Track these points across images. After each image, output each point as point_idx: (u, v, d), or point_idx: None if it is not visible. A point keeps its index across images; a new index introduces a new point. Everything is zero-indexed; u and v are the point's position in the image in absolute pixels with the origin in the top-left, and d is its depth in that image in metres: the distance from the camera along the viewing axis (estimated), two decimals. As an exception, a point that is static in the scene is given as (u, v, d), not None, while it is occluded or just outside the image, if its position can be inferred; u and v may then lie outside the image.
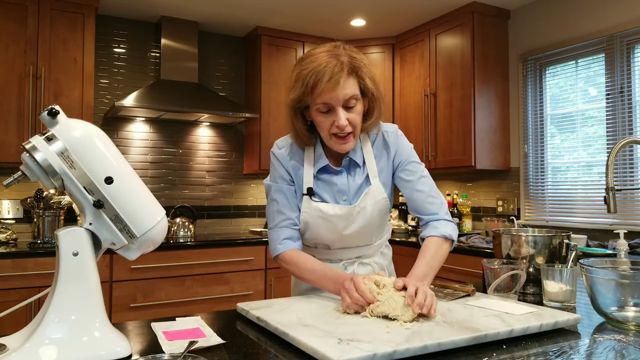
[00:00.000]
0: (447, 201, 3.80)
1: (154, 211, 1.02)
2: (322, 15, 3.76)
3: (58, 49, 3.22)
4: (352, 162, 1.48)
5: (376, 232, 1.54)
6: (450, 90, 3.67)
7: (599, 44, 3.12)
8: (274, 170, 1.50)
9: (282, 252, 1.44)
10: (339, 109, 1.33)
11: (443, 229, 1.42)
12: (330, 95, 1.31)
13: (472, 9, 3.50)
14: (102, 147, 0.99)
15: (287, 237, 1.45)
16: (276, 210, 1.47)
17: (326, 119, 1.35)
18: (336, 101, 1.32)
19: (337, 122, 1.33)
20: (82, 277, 0.95)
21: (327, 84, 1.29)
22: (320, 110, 1.35)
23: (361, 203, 1.45)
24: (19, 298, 2.72)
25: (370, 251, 1.56)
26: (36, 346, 0.89)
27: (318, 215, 1.44)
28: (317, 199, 1.45)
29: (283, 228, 1.46)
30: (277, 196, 1.47)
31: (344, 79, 1.30)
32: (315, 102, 1.34)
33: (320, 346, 0.91)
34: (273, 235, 1.47)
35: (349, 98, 1.33)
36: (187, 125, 4.03)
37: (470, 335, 0.98)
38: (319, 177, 1.47)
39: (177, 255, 3.24)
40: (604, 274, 1.16)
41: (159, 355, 0.92)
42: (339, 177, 1.46)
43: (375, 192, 1.46)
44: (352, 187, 1.47)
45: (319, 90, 1.30)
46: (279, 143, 1.51)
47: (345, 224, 1.45)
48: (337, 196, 1.46)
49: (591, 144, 3.20)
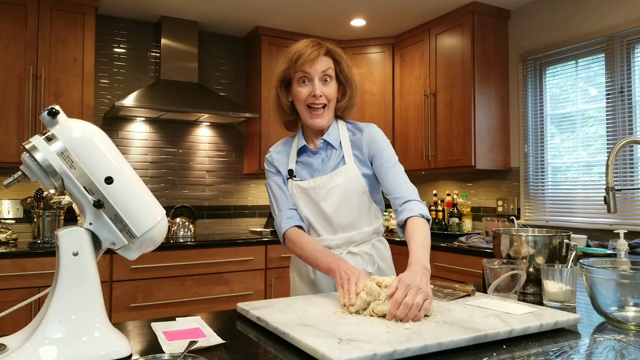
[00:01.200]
0: (447, 201, 3.84)
1: (154, 211, 1.02)
2: (322, 15, 3.76)
3: (58, 49, 3.22)
4: (328, 145, 1.61)
5: (358, 214, 1.58)
6: (450, 90, 3.67)
7: (599, 44, 3.12)
8: (267, 170, 1.69)
9: (288, 228, 1.56)
10: (315, 79, 1.53)
11: (420, 209, 1.48)
12: (309, 66, 1.52)
13: (472, 9, 3.50)
14: (102, 147, 0.99)
15: (290, 216, 1.59)
16: (275, 200, 1.64)
17: (304, 89, 1.54)
18: (314, 71, 1.52)
19: (313, 91, 1.52)
20: (82, 277, 0.95)
21: (307, 56, 1.51)
22: (300, 79, 1.54)
23: (334, 178, 1.56)
24: (19, 298, 2.72)
25: (357, 238, 1.58)
26: (36, 346, 0.89)
27: (298, 192, 1.59)
28: (297, 179, 1.61)
29: (285, 210, 1.60)
30: (274, 189, 1.64)
31: (322, 55, 1.54)
32: (297, 72, 1.54)
33: (320, 346, 0.91)
34: (277, 219, 1.61)
35: (325, 70, 1.53)
36: (187, 125, 4.03)
37: (470, 335, 0.98)
38: (299, 161, 1.64)
39: (177, 255, 3.24)
40: (604, 274, 1.16)
41: (159, 355, 0.92)
42: (315, 158, 1.61)
43: (349, 169, 1.57)
44: (327, 166, 1.60)
45: (301, 61, 1.51)
46: (271, 149, 1.71)
47: (321, 197, 1.56)
48: (313, 174, 1.61)
49: (591, 144, 3.20)
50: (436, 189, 4.23)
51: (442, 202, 3.92)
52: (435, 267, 3.23)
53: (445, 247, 3.17)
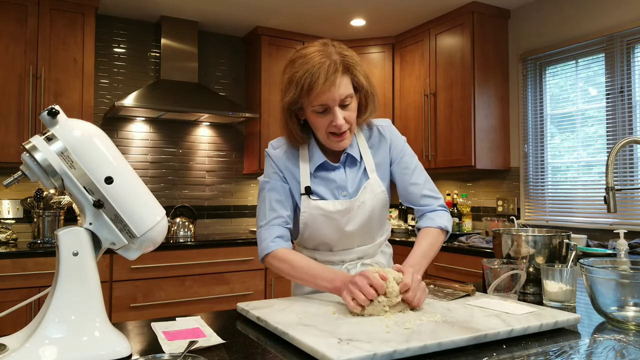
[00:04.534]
0: (447, 201, 3.84)
1: (154, 211, 1.02)
2: (322, 15, 3.76)
3: (58, 49, 3.22)
4: (349, 158, 1.48)
5: (377, 229, 1.54)
6: (450, 90, 3.67)
7: (599, 44, 3.12)
8: (268, 168, 1.49)
9: (275, 249, 1.39)
10: (335, 108, 1.33)
11: (440, 221, 1.46)
12: (327, 96, 1.31)
13: (472, 9, 3.50)
14: (102, 147, 0.99)
15: (279, 235, 1.42)
16: (268, 207, 1.44)
17: (323, 119, 1.36)
18: (332, 102, 1.32)
19: (334, 122, 1.34)
20: (82, 277, 0.95)
21: (323, 85, 1.29)
22: (316, 111, 1.35)
23: (360, 197, 1.45)
24: (19, 298, 2.72)
25: (371, 250, 1.56)
26: (36, 346, 0.89)
27: (319, 214, 1.43)
28: (315, 197, 1.44)
29: (275, 226, 1.42)
30: (270, 193, 1.45)
31: (339, 78, 1.31)
32: (312, 104, 1.34)
33: (320, 346, 0.91)
34: (264, 233, 1.42)
35: (344, 97, 1.34)
36: (187, 125, 4.03)
37: (470, 335, 0.98)
38: (316, 175, 1.46)
39: (177, 255, 3.24)
40: (604, 274, 1.16)
41: (159, 355, 0.92)
42: (337, 173, 1.46)
43: (374, 185, 1.47)
44: (351, 182, 1.46)
45: (315, 92, 1.30)
46: (274, 144, 1.51)
47: (347, 219, 1.44)
48: (336, 192, 1.45)
49: (591, 144, 3.20)
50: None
51: (442, 202, 3.91)
52: (435, 267, 3.23)
53: (445, 247, 3.16)
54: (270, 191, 1.45)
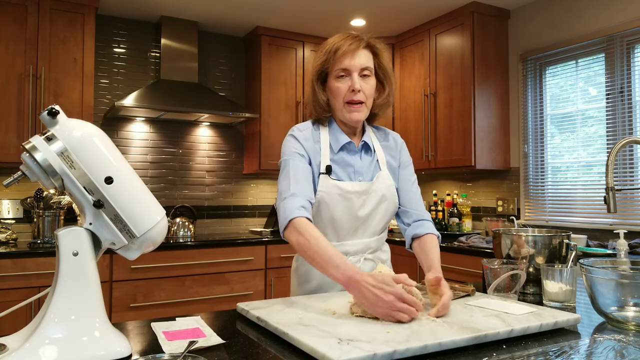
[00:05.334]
0: (447, 201, 3.84)
1: (154, 211, 1.02)
2: (322, 15, 3.76)
3: (58, 49, 3.22)
4: (365, 146, 1.57)
5: (383, 222, 1.58)
6: (450, 90, 3.67)
7: (599, 44, 3.12)
8: (291, 147, 1.50)
9: (299, 216, 1.35)
10: (354, 74, 1.46)
11: (434, 230, 1.58)
12: (349, 60, 1.46)
13: (472, 9, 3.50)
14: (102, 147, 0.99)
15: (304, 206, 1.39)
16: (294, 180, 1.43)
17: (342, 84, 1.48)
18: (353, 67, 1.46)
19: (352, 86, 1.46)
20: (82, 277, 0.95)
21: (348, 47, 1.46)
22: (338, 75, 1.48)
23: (375, 184, 1.53)
24: (19, 298, 2.72)
25: (374, 244, 1.58)
26: (36, 346, 0.89)
27: (336, 193, 1.48)
28: (334, 177, 1.50)
29: (299, 197, 1.40)
30: (295, 169, 1.45)
31: (362, 48, 1.48)
32: (336, 67, 1.48)
33: (320, 346, 0.91)
34: (289, 202, 1.38)
35: (364, 67, 1.47)
36: (187, 125, 4.03)
37: (470, 335, 0.98)
38: (335, 159, 1.53)
39: (177, 255, 3.24)
40: (604, 274, 1.16)
41: (159, 355, 0.92)
42: (355, 159, 1.54)
43: (385, 177, 1.56)
44: (367, 169, 1.55)
45: (340, 53, 1.46)
46: (300, 126, 1.56)
47: (362, 201, 1.50)
48: (352, 176, 1.53)
49: (591, 144, 3.20)
50: (436, 189, 4.23)
51: (442, 202, 3.92)
52: (435, 267, 3.22)
53: (445, 247, 3.16)
54: (296, 166, 1.46)
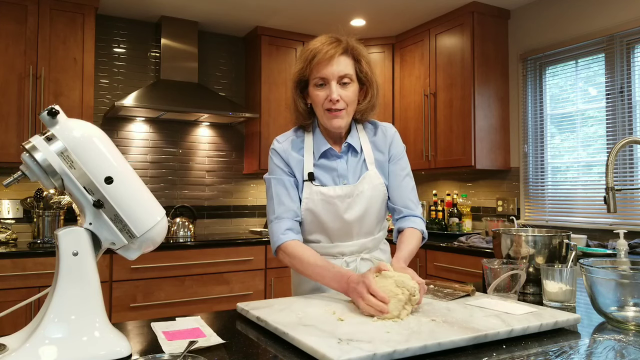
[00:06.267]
0: (447, 201, 3.84)
1: (153, 211, 1.02)
2: (322, 15, 3.76)
3: (58, 49, 3.22)
4: (350, 148, 1.54)
5: (376, 223, 1.57)
6: (450, 90, 3.67)
7: (599, 44, 3.12)
8: (272, 163, 1.54)
9: (285, 241, 1.44)
10: (332, 82, 1.43)
11: (421, 226, 1.54)
12: (325, 68, 1.42)
13: (472, 9, 3.50)
14: (102, 147, 0.99)
15: (289, 227, 1.46)
16: (277, 202, 1.49)
17: (321, 93, 1.45)
18: (331, 75, 1.43)
19: (330, 96, 1.43)
20: (82, 277, 0.95)
21: (323, 55, 1.41)
22: (316, 84, 1.45)
23: (359, 186, 1.50)
24: (19, 298, 2.72)
25: (370, 244, 1.58)
26: (36, 346, 0.89)
27: (320, 199, 1.48)
28: (317, 184, 1.50)
29: (284, 219, 1.47)
30: (277, 188, 1.50)
31: (339, 55, 1.43)
32: (313, 75, 1.45)
33: (320, 346, 0.91)
34: (274, 226, 1.48)
35: (343, 75, 1.44)
36: (187, 125, 4.03)
37: (470, 335, 0.98)
38: (318, 164, 1.52)
39: (177, 255, 3.24)
40: (604, 274, 1.16)
41: (159, 355, 0.92)
42: (339, 162, 1.52)
43: (373, 176, 1.53)
44: (352, 171, 1.52)
45: (316, 61, 1.42)
46: (279, 139, 1.57)
47: (346, 205, 1.49)
48: (337, 180, 1.51)
49: (591, 144, 3.20)
50: (436, 189, 4.23)
51: (442, 202, 3.92)
52: (435, 267, 3.23)
53: (445, 247, 3.17)
54: (277, 185, 1.51)
